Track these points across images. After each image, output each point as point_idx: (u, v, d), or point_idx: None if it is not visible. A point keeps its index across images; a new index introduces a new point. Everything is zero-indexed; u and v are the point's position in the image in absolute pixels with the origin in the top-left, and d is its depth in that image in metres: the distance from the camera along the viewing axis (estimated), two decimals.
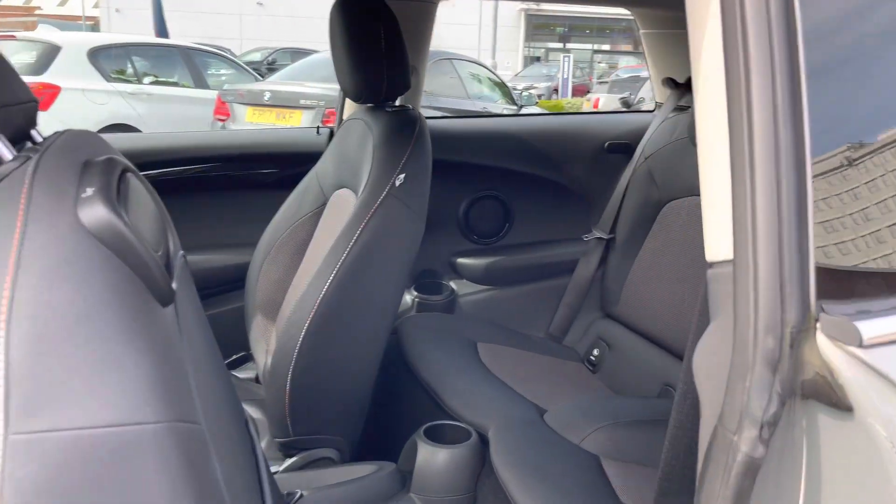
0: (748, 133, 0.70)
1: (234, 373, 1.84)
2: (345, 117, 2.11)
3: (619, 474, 1.39)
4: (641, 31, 2.30)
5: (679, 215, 2.02)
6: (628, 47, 26.47)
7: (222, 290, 2.05)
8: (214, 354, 0.88)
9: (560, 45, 27.71)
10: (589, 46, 28.00)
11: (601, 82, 15.30)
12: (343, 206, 1.61)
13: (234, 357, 1.90)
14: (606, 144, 2.35)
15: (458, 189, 2.30)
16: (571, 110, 12.35)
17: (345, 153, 1.70)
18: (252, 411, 1.57)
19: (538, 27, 27.69)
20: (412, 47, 1.85)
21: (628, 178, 2.17)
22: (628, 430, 1.53)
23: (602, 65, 25.78)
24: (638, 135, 2.26)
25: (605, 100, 12.56)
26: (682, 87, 2.20)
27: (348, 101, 2.15)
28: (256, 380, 1.81)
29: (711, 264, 0.77)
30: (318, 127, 2.28)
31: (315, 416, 1.50)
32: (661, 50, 2.30)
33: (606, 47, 28.32)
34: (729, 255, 0.74)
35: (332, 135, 2.21)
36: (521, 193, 2.33)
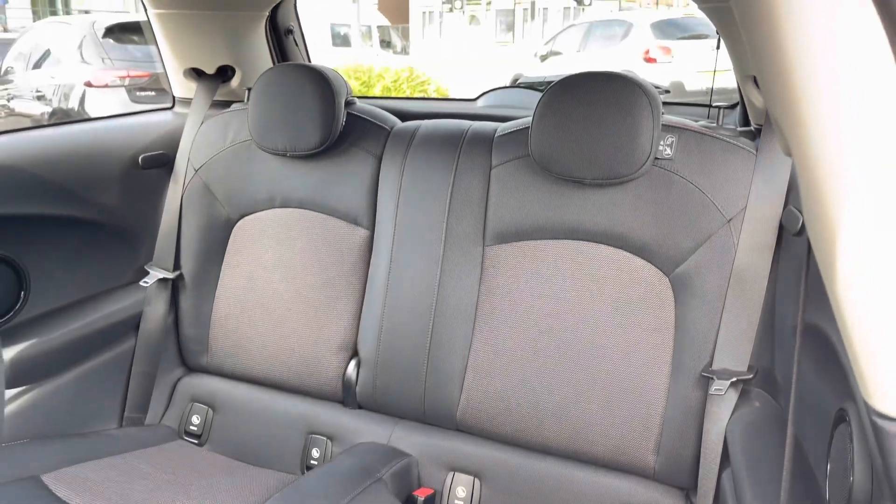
0: None
1: None
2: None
3: None
4: (151, 12, 1.84)
5: (253, 232, 1.78)
6: None
7: None
8: None
9: None
10: None
11: None
12: None
13: None
14: (140, 159, 1.84)
15: None
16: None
17: None
18: None
19: None
20: None
21: (179, 197, 1.83)
22: None
23: None
24: (172, 141, 1.88)
25: None
26: (212, 78, 1.94)
27: None
28: None
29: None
30: None
31: None
32: (178, 34, 1.88)
33: None
34: None
35: None
36: (32, 246, 1.64)
